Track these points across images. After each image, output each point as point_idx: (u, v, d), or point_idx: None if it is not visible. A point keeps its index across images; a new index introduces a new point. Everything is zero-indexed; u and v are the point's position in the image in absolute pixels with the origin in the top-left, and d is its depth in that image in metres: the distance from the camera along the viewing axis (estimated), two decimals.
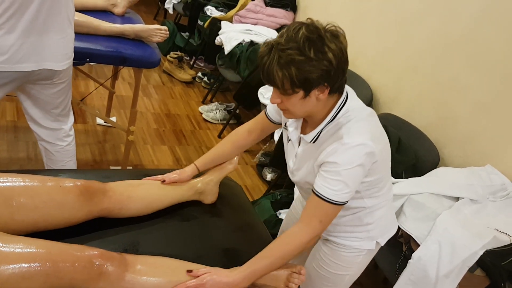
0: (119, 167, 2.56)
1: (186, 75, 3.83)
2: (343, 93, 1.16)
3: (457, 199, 1.80)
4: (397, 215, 1.76)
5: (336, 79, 1.07)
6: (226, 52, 3.17)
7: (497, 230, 1.65)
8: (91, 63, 1.98)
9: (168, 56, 3.86)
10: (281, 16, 3.52)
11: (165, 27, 2.18)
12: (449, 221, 1.65)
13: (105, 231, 1.22)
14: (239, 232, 1.41)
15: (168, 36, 2.23)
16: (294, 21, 3.57)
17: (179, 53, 3.85)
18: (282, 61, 1.02)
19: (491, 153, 2.03)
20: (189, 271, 1.11)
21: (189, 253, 1.23)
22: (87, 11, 2.08)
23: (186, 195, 1.40)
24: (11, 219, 1.04)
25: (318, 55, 1.02)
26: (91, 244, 1.15)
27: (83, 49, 1.86)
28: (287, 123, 1.29)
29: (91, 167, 2.52)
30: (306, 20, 1.07)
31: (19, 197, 1.05)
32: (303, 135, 1.22)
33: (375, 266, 2.04)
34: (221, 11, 3.75)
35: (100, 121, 2.90)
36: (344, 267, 1.37)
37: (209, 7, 3.76)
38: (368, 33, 2.78)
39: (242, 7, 3.59)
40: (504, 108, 1.97)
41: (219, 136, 3.24)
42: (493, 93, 2.02)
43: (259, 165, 3.00)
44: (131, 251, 1.19)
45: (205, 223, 1.39)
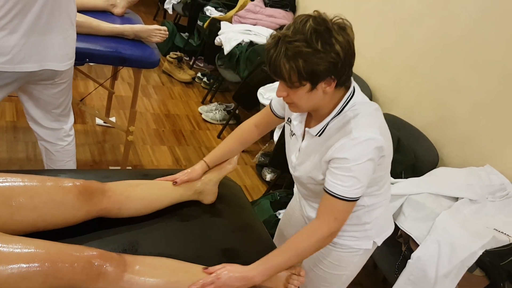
0: (119, 167, 2.56)
1: (185, 75, 3.83)
2: (351, 86, 1.16)
3: (456, 199, 1.80)
4: (396, 215, 1.76)
5: (343, 72, 1.07)
6: (225, 52, 3.18)
7: (496, 230, 1.65)
8: (91, 63, 1.98)
9: (167, 56, 3.86)
10: (281, 16, 3.52)
11: (165, 28, 2.18)
12: (449, 221, 1.65)
13: (104, 231, 1.22)
14: (238, 232, 1.41)
15: (167, 36, 2.23)
16: None
17: (178, 53, 3.85)
18: (289, 53, 1.01)
19: (490, 153, 2.03)
20: (205, 268, 1.13)
21: (188, 253, 1.23)
22: (87, 12, 2.08)
23: (185, 195, 1.40)
24: (11, 219, 1.04)
25: (325, 47, 1.01)
26: (90, 244, 1.15)
27: (82, 49, 1.86)
28: (291, 117, 1.29)
29: (90, 167, 2.52)
30: (313, 12, 1.06)
31: (18, 197, 1.05)
32: (308, 128, 1.21)
33: (374, 266, 2.04)
34: (221, 11, 3.75)
35: (99, 121, 2.90)
36: (340, 266, 1.37)
37: (208, 7, 3.76)
38: (367, 34, 2.78)
39: (241, 8, 3.59)
40: (503, 108, 1.98)
41: (219, 136, 3.24)
42: (492, 93, 2.02)
43: (258, 165, 3.00)
44: (130, 251, 1.19)
45: (204, 223, 1.38)
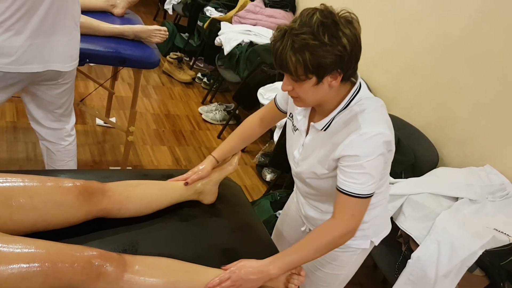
0: (119, 167, 2.56)
1: (185, 75, 3.83)
2: (357, 82, 1.16)
3: (456, 199, 1.80)
4: (396, 215, 1.76)
5: (349, 66, 1.06)
6: (225, 52, 3.18)
7: (496, 230, 1.65)
8: (91, 64, 1.98)
9: (167, 56, 3.86)
10: (281, 16, 3.52)
11: (165, 28, 2.18)
12: (448, 221, 1.66)
13: (104, 231, 1.22)
14: (238, 232, 1.41)
15: (167, 36, 2.23)
16: None
17: (178, 53, 3.85)
18: (296, 46, 1.00)
19: (490, 153, 2.03)
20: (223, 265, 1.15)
21: (188, 253, 1.23)
22: (87, 12, 2.08)
23: (185, 195, 1.40)
24: (10, 219, 1.04)
25: (332, 40, 1.00)
26: (90, 244, 1.15)
27: (82, 49, 1.86)
28: (293, 112, 1.28)
29: (90, 167, 2.52)
30: (319, 5, 1.05)
31: (18, 197, 1.05)
32: (313, 123, 1.20)
33: (374, 266, 2.04)
34: (221, 11, 3.75)
35: (99, 121, 2.90)
36: (338, 266, 1.37)
37: (208, 7, 3.77)
38: (367, 34, 2.76)
39: (241, 8, 3.59)
40: (502, 108, 1.98)
41: (219, 136, 3.24)
42: (492, 93, 2.02)
43: (258, 166, 3.00)
44: (130, 251, 1.19)
45: (204, 223, 1.39)
